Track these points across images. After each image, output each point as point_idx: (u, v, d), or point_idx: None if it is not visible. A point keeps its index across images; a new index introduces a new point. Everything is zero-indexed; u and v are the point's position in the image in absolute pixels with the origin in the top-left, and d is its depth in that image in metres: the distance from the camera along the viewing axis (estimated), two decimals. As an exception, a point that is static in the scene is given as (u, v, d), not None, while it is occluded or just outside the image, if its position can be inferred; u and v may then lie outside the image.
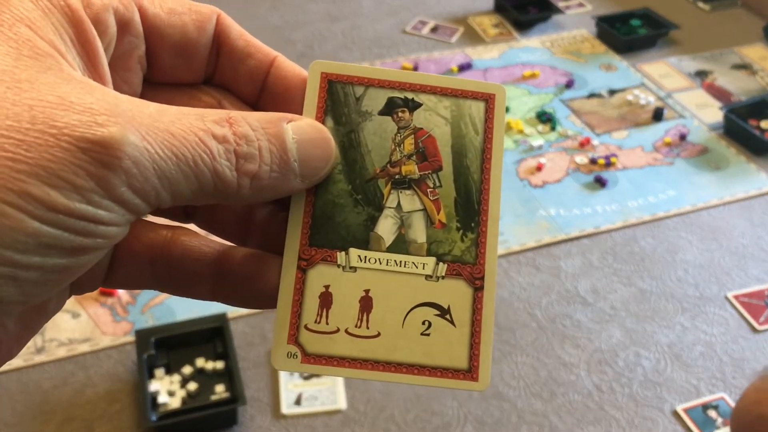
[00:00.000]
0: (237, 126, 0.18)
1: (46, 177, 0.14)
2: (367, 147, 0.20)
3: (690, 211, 1.29)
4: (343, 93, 0.20)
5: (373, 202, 0.20)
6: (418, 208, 0.20)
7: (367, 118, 0.20)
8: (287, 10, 1.90)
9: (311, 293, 0.19)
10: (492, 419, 0.94)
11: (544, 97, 1.59)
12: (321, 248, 0.20)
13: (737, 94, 1.62)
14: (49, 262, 0.15)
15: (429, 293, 0.19)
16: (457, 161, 0.20)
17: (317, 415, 0.93)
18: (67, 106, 0.15)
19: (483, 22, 1.87)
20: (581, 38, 1.81)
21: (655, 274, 1.16)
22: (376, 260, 0.19)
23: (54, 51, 0.16)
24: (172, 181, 0.16)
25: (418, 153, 0.20)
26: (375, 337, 0.19)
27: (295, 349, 0.19)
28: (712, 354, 1.04)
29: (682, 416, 0.95)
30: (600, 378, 1.00)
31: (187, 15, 0.20)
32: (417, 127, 0.20)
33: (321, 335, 0.19)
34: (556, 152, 1.42)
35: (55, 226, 0.15)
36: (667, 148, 1.45)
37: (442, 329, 0.19)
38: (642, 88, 1.63)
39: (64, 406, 0.93)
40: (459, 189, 0.20)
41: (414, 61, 1.69)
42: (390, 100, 0.20)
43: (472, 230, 0.20)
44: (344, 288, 0.19)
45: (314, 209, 0.20)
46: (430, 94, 0.20)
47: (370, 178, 0.20)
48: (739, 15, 1.94)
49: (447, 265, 0.20)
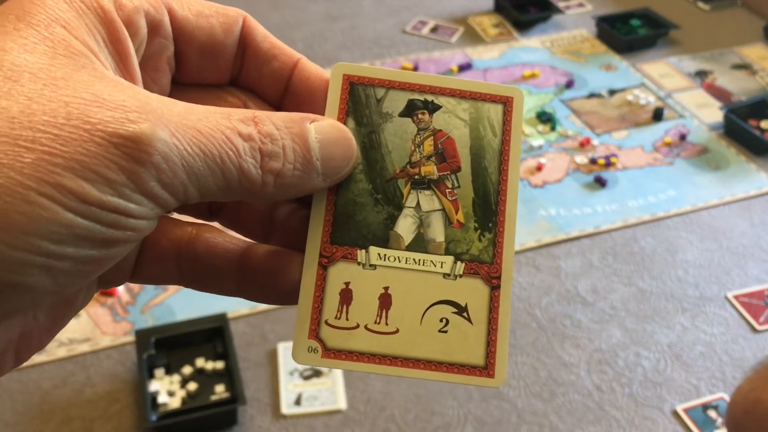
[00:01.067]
0: (262, 125, 0.18)
1: (80, 170, 0.15)
2: (387, 148, 0.21)
3: (690, 211, 1.29)
4: (365, 95, 0.21)
5: (393, 202, 0.20)
6: (437, 207, 0.21)
7: (387, 120, 0.21)
8: (287, 10, 1.90)
9: (332, 290, 0.20)
10: (492, 419, 0.94)
11: (544, 97, 1.59)
12: (342, 246, 0.20)
13: (737, 94, 1.62)
14: (82, 252, 0.16)
15: (447, 291, 0.20)
16: (475, 162, 0.21)
17: (317, 415, 0.93)
18: (100, 103, 0.16)
19: (483, 22, 1.87)
20: (581, 38, 1.81)
21: (655, 274, 1.16)
22: (396, 258, 0.20)
23: (87, 51, 0.17)
24: (200, 176, 0.17)
25: (437, 154, 0.21)
26: (394, 334, 0.20)
27: (315, 344, 0.20)
28: (712, 354, 1.04)
29: (682, 416, 0.95)
30: (600, 378, 1.00)
31: (215, 17, 0.20)
32: (436, 129, 0.21)
33: (341, 330, 0.20)
34: (556, 152, 1.42)
35: (88, 218, 0.15)
36: (667, 148, 1.45)
37: (460, 326, 0.20)
38: (642, 88, 1.62)
39: (63, 406, 0.93)
40: (477, 189, 0.21)
41: (414, 61, 1.69)
42: (410, 102, 0.21)
43: (489, 230, 0.20)
44: (364, 285, 0.20)
45: (335, 208, 0.20)
46: (450, 97, 0.21)
47: (390, 178, 0.20)
48: (739, 15, 1.94)
49: (465, 264, 0.20)
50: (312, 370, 0.98)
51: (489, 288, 0.20)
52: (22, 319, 0.18)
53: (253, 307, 1.08)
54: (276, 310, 1.08)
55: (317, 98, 0.21)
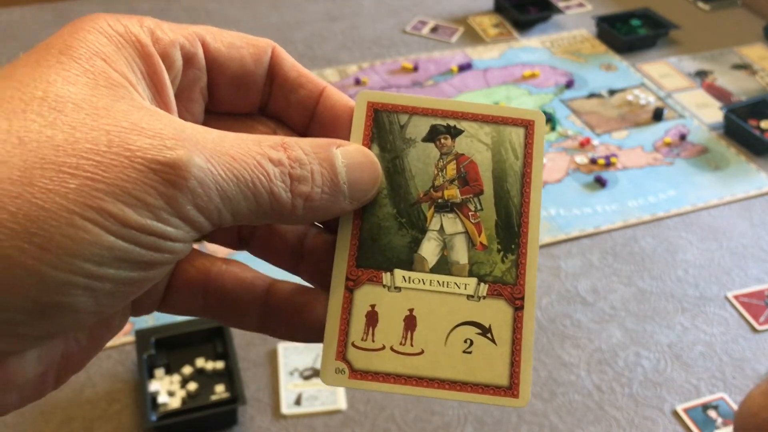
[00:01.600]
0: (291, 150, 0.19)
1: (121, 195, 0.16)
2: (411, 172, 0.21)
3: (690, 211, 1.29)
4: (388, 121, 0.21)
5: (417, 225, 0.21)
6: (460, 230, 0.21)
7: (411, 145, 0.21)
8: (287, 10, 1.90)
9: (358, 312, 0.20)
10: (492, 419, 0.94)
11: (544, 97, 1.59)
12: (367, 269, 0.20)
13: (737, 94, 1.62)
14: (122, 274, 0.16)
15: (471, 313, 0.20)
16: (497, 185, 0.21)
17: (317, 415, 0.93)
18: (139, 131, 0.17)
19: (483, 22, 1.87)
20: (581, 38, 1.81)
21: (655, 274, 1.16)
22: (420, 281, 0.20)
23: (126, 82, 0.18)
24: (233, 201, 0.18)
25: (460, 178, 0.21)
26: (419, 355, 0.20)
27: (343, 366, 0.20)
28: (712, 354, 1.04)
29: (682, 416, 0.95)
30: (600, 378, 1.00)
31: (245, 48, 0.21)
32: (459, 153, 0.21)
33: (367, 352, 0.20)
34: (556, 152, 1.42)
35: (128, 240, 0.16)
36: (667, 148, 1.45)
37: (484, 347, 0.20)
38: (642, 88, 1.62)
39: (63, 406, 0.93)
40: (500, 212, 0.21)
41: (414, 61, 1.69)
42: (433, 128, 0.21)
43: (512, 252, 0.21)
44: (389, 307, 0.20)
45: (361, 232, 0.21)
46: (472, 121, 0.21)
47: (414, 202, 0.21)
48: (739, 15, 1.94)
49: (488, 285, 0.20)
50: (312, 369, 0.98)
51: (512, 309, 0.20)
52: (64, 341, 0.19)
53: (253, 307, 1.08)
54: (276, 310, 1.08)
55: (342, 125, 0.22)
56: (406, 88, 1.61)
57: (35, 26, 1.82)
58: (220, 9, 1.91)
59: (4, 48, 1.72)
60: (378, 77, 1.64)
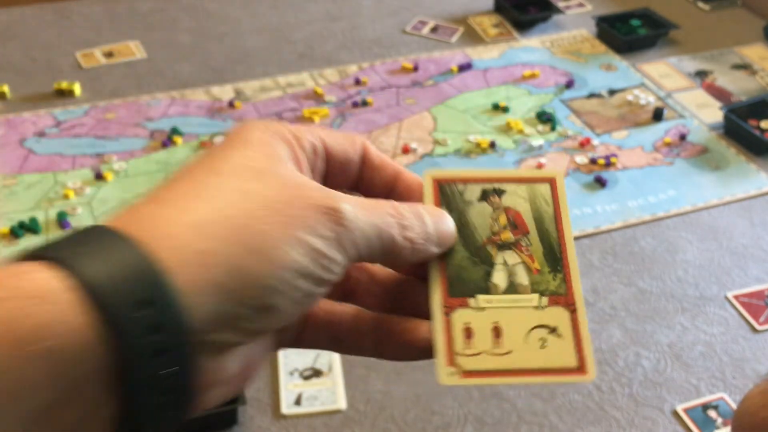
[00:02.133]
0: (398, 208, 0.26)
1: (309, 229, 0.23)
2: (474, 225, 0.29)
3: (690, 211, 1.29)
4: (450, 190, 0.29)
5: (487, 261, 0.28)
6: (519, 261, 0.28)
7: (469, 205, 0.29)
8: (287, 10, 1.90)
9: (457, 329, 0.27)
10: (492, 419, 0.94)
11: (544, 97, 1.59)
12: (457, 297, 0.27)
13: (737, 94, 1.62)
14: (306, 287, 0.23)
15: (539, 318, 0.27)
16: (538, 226, 0.29)
17: (317, 415, 0.93)
18: (310, 188, 0.24)
19: (483, 22, 1.87)
20: (581, 38, 1.81)
21: (655, 274, 1.16)
22: (497, 301, 0.27)
23: (285, 160, 0.26)
24: (370, 240, 0.25)
25: (510, 224, 0.29)
26: (508, 354, 0.26)
27: (454, 369, 0.26)
28: (712, 354, 1.04)
29: (682, 416, 0.95)
30: (600, 378, 1.00)
31: (349, 144, 0.29)
32: (506, 206, 0.29)
33: (469, 357, 0.26)
34: (556, 152, 1.42)
35: (313, 261, 0.23)
36: (667, 148, 1.45)
37: (554, 341, 0.27)
38: (642, 88, 1.62)
39: (63, 407, 0.93)
40: (544, 245, 0.28)
41: (414, 60, 1.69)
42: (483, 191, 0.29)
43: (558, 271, 0.28)
44: (479, 323, 0.27)
45: (447, 272, 0.27)
46: (510, 183, 0.29)
47: (481, 245, 0.28)
48: (740, 15, 1.94)
49: (548, 297, 0.28)
50: (312, 369, 0.98)
51: (569, 312, 0.27)
52: (254, 344, 0.24)
53: (253, 308, 1.08)
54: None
55: (416, 196, 0.29)
56: (405, 88, 1.61)
57: (35, 26, 1.82)
58: (220, 9, 1.91)
59: (4, 48, 1.72)
60: (378, 77, 1.64)
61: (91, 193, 1.29)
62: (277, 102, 1.55)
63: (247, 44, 1.76)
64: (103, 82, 1.60)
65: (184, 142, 1.41)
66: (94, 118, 1.48)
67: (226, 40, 1.77)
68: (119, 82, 1.60)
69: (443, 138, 1.45)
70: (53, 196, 1.28)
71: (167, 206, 0.21)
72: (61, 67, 1.65)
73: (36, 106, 1.51)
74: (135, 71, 1.64)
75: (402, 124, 1.49)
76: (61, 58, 1.67)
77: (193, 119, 1.49)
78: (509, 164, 1.39)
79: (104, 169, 1.33)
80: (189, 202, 0.21)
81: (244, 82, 1.61)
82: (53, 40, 1.75)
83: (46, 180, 1.32)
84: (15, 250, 1.17)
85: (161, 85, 1.59)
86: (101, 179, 1.31)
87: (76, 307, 0.18)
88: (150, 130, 1.45)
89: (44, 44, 1.73)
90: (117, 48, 1.72)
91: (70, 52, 1.70)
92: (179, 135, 1.42)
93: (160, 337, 0.19)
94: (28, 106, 1.52)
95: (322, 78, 1.63)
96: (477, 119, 1.51)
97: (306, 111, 1.50)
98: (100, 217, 1.24)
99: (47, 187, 1.30)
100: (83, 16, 1.86)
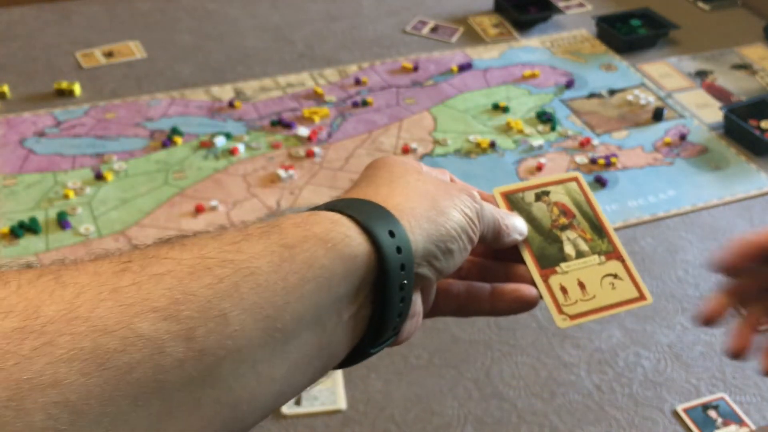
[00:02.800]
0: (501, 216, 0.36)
1: (461, 202, 0.32)
2: (538, 218, 0.39)
3: (690, 211, 1.29)
4: (514, 198, 0.40)
5: (557, 240, 0.39)
6: (577, 236, 0.39)
7: (530, 206, 0.40)
8: (287, 10, 1.90)
9: (556, 290, 0.38)
10: (492, 419, 0.94)
11: (544, 97, 1.58)
12: (547, 268, 0.38)
13: (737, 94, 1.62)
14: (464, 239, 0.31)
15: (605, 270, 0.39)
16: (579, 210, 0.40)
17: (317, 415, 0.93)
18: (458, 183, 0.35)
19: (483, 21, 1.87)
20: (581, 38, 1.81)
21: (656, 273, 1.16)
22: (574, 265, 0.38)
23: (426, 170, 0.35)
24: (488, 220, 0.34)
25: (561, 213, 0.40)
26: (593, 298, 0.38)
27: (564, 316, 0.37)
28: (713, 354, 1.04)
29: (682, 416, 0.95)
30: (600, 378, 1.00)
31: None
32: (554, 201, 0.40)
33: (570, 305, 0.37)
34: (556, 152, 1.42)
35: (467, 223, 0.31)
36: (667, 148, 1.45)
37: (619, 283, 0.38)
38: (642, 88, 1.62)
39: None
40: (588, 221, 0.40)
41: (414, 60, 1.69)
42: (536, 195, 0.40)
43: (603, 237, 0.40)
44: (568, 282, 0.38)
45: (534, 252, 0.38)
46: (551, 186, 0.41)
47: (548, 230, 0.39)
48: (739, 15, 1.94)
49: (604, 255, 0.39)
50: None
51: (620, 262, 0.39)
52: (425, 299, 0.33)
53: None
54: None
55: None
56: (406, 87, 1.61)
57: (36, 26, 1.82)
58: (220, 9, 1.91)
59: (5, 48, 1.72)
60: (378, 77, 1.64)
61: (91, 193, 1.29)
62: (277, 102, 1.55)
63: (247, 44, 1.76)
64: (103, 82, 1.60)
65: (184, 142, 1.41)
66: (94, 118, 1.48)
67: (226, 40, 1.77)
68: (119, 82, 1.60)
69: (443, 138, 1.45)
70: (53, 196, 1.28)
71: (381, 189, 0.31)
72: (61, 67, 1.65)
73: (36, 106, 1.52)
74: (135, 71, 1.64)
75: (402, 124, 1.49)
76: (61, 58, 1.68)
77: (193, 119, 1.49)
78: (509, 164, 1.39)
79: (104, 169, 1.34)
80: (394, 189, 0.31)
81: (244, 81, 1.61)
82: (53, 40, 1.75)
83: (46, 180, 1.32)
84: (15, 250, 1.17)
85: (161, 85, 1.60)
86: (101, 179, 1.31)
87: (357, 231, 0.27)
88: (150, 130, 1.45)
89: (44, 44, 1.73)
90: (117, 48, 1.72)
91: (70, 52, 1.70)
92: (179, 135, 1.42)
93: (401, 257, 0.28)
94: (28, 105, 1.52)
95: (322, 78, 1.63)
96: (477, 119, 1.51)
97: (306, 111, 1.50)
98: (100, 216, 1.24)
99: (47, 186, 1.30)
100: (83, 17, 1.86)
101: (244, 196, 1.29)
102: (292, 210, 1.26)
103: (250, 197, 1.29)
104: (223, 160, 1.37)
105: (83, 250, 1.17)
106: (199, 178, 1.33)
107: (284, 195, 1.29)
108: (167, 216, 1.24)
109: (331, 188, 1.31)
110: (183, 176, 1.33)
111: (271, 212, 1.25)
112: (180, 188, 1.30)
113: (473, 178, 1.35)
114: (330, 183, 1.32)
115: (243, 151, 1.39)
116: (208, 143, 1.41)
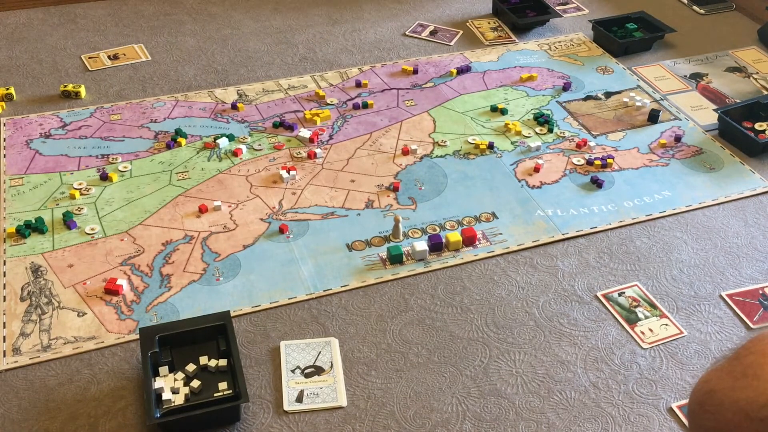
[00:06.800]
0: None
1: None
2: None
3: (685, 212, 1.31)
4: None
5: None
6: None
7: None
8: (289, 14, 1.92)
9: None
10: (490, 416, 0.96)
11: (542, 99, 1.61)
12: None
13: (732, 96, 1.64)
14: None
15: None
16: None
17: (318, 412, 0.95)
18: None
19: (482, 25, 1.89)
20: (578, 41, 1.83)
21: (651, 273, 1.18)
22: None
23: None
24: None
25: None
26: None
27: None
28: (707, 352, 1.06)
29: (677, 413, 0.97)
30: (596, 375, 1.01)
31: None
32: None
33: None
34: (553, 153, 1.44)
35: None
36: (662, 150, 1.47)
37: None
38: (638, 90, 1.65)
39: (69, 403, 0.95)
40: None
41: (414, 63, 1.71)
42: None
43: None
44: None
45: None
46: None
47: None
48: (734, 18, 1.96)
49: None
50: (313, 367, 1.00)
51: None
52: None
53: (256, 306, 1.10)
54: (278, 308, 1.10)
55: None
56: (406, 90, 1.63)
57: (42, 29, 1.84)
58: (224, 12, 1.93)
59: (11, 50, 1.74)
60: (378, 80, 1.66)
61: (96, 193, 1.31)
62: (279, 104, 1.57)
63: (249, 47, 1.78)
64: (108, 84, 1.62)
65: (188, 144, 1.43)
66: (99, 120, 1.50)
67: (230, 43, 1.79)
68: (124, 84, 1.62)
69: (442, 139, 1.47)
70: (59, 196, 1.30)
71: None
72: (67, 69, 1.67)
73: (42, 108, 1.54)
74: (140, 73, 1.66)
75: (402, 126, 1.51)
76: (67, 61, 1.70)
77: (197, 121, 1.51)
78: (507, 165, 1.41)
79: (109, 169, 1.36)
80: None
81: (247, 84, 1.64)
82: (59, 43, 1.77)
83: (53, 180, 1.34)
84: (21, 250, 1.19)
85: (165, 88, 1.62)
86: (106, 180, 1.33)
87: None
88: (154, 131, 1.48)
89: (50, 47, 1.75)
90: (122, 51, 1.74)
91: (75, 54, 1.72)
92: (183, 136, 1.44)
93: None
94: (34, 107, 1.54)
95: (324, 80, 1.65)
96: (475, 121, 1.54)
97: (308, 113, 1.53)
98: (105, 216, 1.26)
99: (53, 187, 1.32)
100: (89, 20, 1.88)
101: (246, 196, 1.31)
102: (293, 210, 1.28)
103: (253, 197, 1.31)
104: (226, 161, 1.39)
105: (89, 250, 1.19)
106: (202, 179, 1.35)
107: (286, 195, 1.31)
108: (171, 216, 1.26)
109: (332, 189, 1.33)
110: (187, 177, 1.35)
111: (273, 212, 1.27)
112: (184, 188, 1.33)
113: (472, 179, 1.37)
114: (331, 183, 1.34)
115: (246, 152, 1.42)
116: (211, 144, 1.43)
